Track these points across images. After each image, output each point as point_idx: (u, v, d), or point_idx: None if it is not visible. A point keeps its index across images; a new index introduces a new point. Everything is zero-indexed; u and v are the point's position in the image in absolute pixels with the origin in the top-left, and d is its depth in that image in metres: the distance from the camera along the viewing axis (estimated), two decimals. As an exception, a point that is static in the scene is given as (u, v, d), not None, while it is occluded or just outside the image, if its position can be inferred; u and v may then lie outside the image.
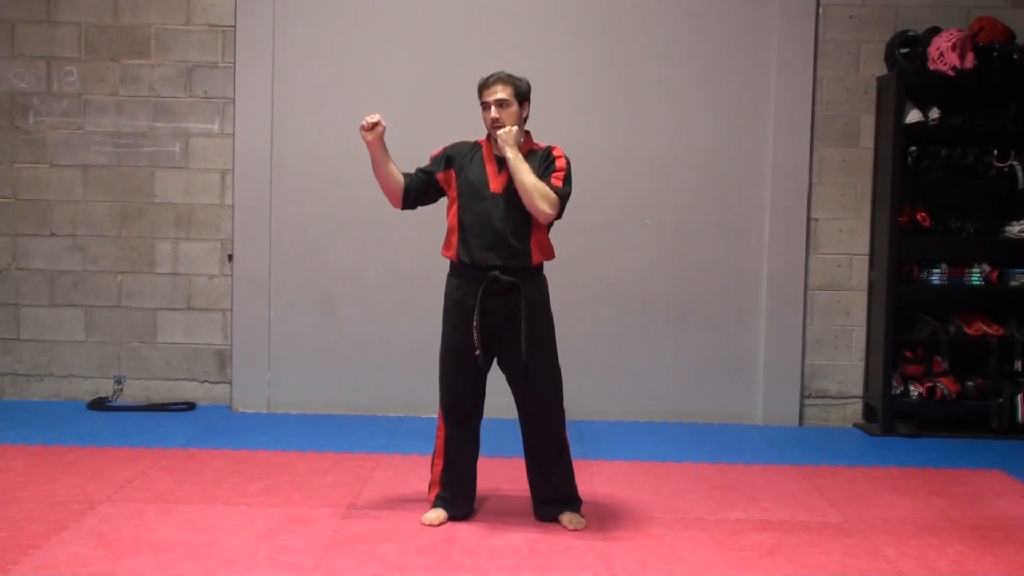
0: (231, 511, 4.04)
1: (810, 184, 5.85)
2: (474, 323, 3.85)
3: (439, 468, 4.03)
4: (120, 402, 5.90)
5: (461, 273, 3.93)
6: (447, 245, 3.99)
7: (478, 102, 6.00)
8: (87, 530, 3.77)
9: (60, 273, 5.95)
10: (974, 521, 4.16)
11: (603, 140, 5.81)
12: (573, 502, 4.03)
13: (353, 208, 5.86)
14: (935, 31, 5.62)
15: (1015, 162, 5.62)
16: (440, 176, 3.99)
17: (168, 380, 5.98)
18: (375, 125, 3.87)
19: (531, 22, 5.83)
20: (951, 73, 5.49)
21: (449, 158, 3.99)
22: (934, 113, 5.60)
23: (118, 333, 5.98)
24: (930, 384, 5.69)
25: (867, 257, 5.88)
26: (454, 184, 3.96)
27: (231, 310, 5.93)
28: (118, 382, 5.95)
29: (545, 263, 4.00)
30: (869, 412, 5.88)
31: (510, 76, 3.96)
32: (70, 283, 5.96)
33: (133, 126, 5.89)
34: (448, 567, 3.54)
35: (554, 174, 3.87)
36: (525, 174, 3.79)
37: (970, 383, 5.70)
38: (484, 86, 3.94)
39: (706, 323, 5.90)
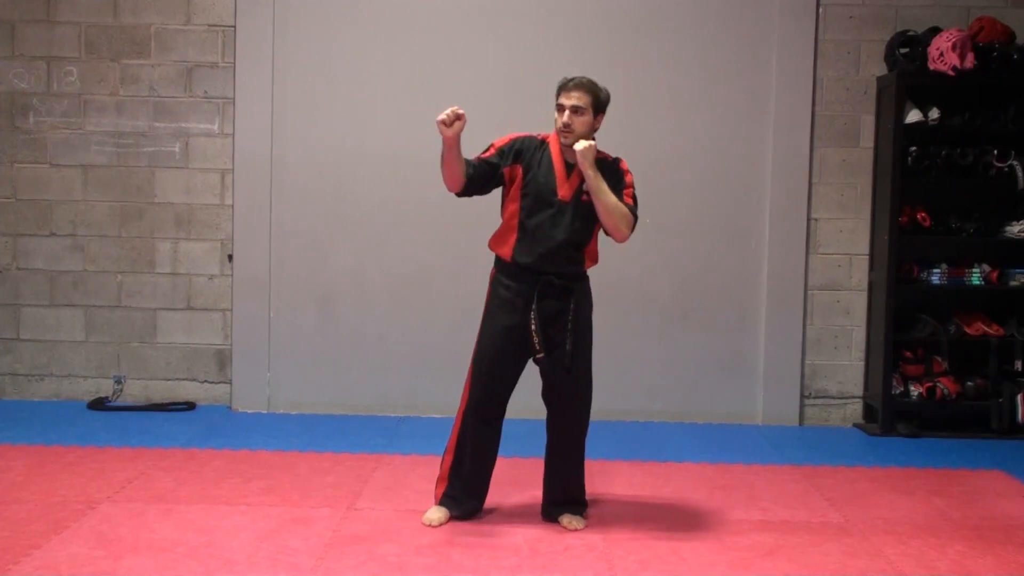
0: (231, 511, 4.04)
1: (810, 184, 5.85)
2: (532, 326, 3.81)
3: (449, 463, 4.00)
4: (120, 402, 5.90)
5: (513, 274, 3.87)
6: (501, 242, 3.90)
7: (480, 102, 6.04)
8: (87, 530, 3.77)
9: (60, 273, 5.95)
10: (974, 521, 4.16)
11: (603, 140, 5.72)
12: (579, 505, 4.03)
13: (353, 208, 5.86)
14: (935, 31, 5.62)
15: (1015, 162, 5.62)
16: (506, 171, 3.87)
17: (168, 380, 5.98)
18: (456, 119, 3.66)
19: (531, 22, 5.83)
20: (951, 73, 5.49)
21: (518, 153, 3.87)
22: (934, 113, 5.60)
23: (118, 333, 5.97)
24: (930, 384, 5.69)
25: (867, 257, 5.88)
26: (520, 182, 3.86)
27: (231, 310, 5.93)
28: (118, 382, 5.95)
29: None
30: (869, 412, 5.88)
31: (593, 85, 3.86)
32: (70, 283, 5.96)
33: (133, 126, 5.89)
34: (448, 567, 3.54)
35: (625, 191, 3.85)
36: (607, 195, 3.75)
37: (970, 383, 5.70)
38: (563, 88, 3.85)
39: (706, 323, 5.90)
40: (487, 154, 3.89)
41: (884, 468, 4.97)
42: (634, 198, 3.88)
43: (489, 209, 5.62)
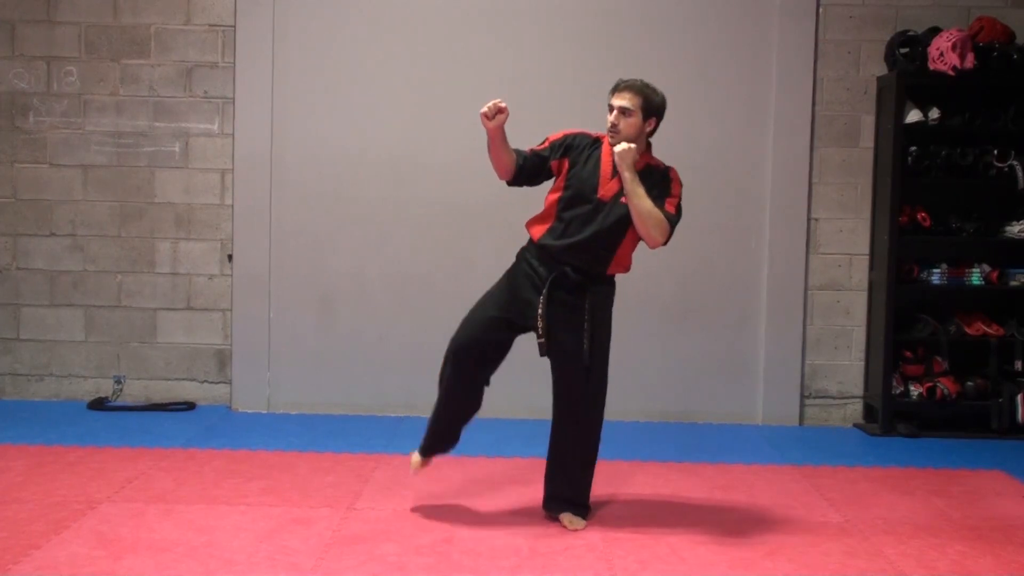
0: (231, 511, 4.04)
1: (810, 184, 5.85)
2: (539, 311, 3.86)
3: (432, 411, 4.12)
4: (120, 402, 5.90)
5: (538, 256, 3.92)
6: (535, 224, 3.97)
7: (478, 101, 6.01)
8: (87, 530, 3.77)
9: (60, 273, 5.95)
10: (974, 521, 4.16)
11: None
12: (578, 507, 4.03)
13: (353, 208, 5.86)
14: (935, 31, 5.62)
15: (1015, 162, 5.62)
16: (554, 164, 3.95)
17: (168, 380, 5.98)
18: (498, 113, 3.77)
19: (531, 22, 5.83)
20: (951, 73, 5.49)
21: (567, 147, 3.96)
22: (934, 113, 5.60)
23: (118, 333, 5.97)
24: (930, 384, 5.69)
25: (867, 257, 5.88)
26: (565, 175, 3.93)
27: (231, 310, 5.93)
28: (118, 382, 5.95)
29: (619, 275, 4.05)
30: (869, 412, 5.88)
31: (644, 87, 3.89)
32: (70, 283, 5.96)
33: (133, 126, 5.89)
34: (448, 567, 3.54)
35: (668, 199, 3.86)
36: (642, 199, 3.77)
37: (970, 383, 5.69)
38: (614, 89, 3.91)
39: (706, 323, 5.90)
40: (540, 147, 3.98)
41: (884, 468, 4.97)
42: (678, 209, 3.89)
43: (489, 211, 5.65)
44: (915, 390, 5.70)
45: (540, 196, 4.09)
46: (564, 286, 3.87)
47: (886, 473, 4.88)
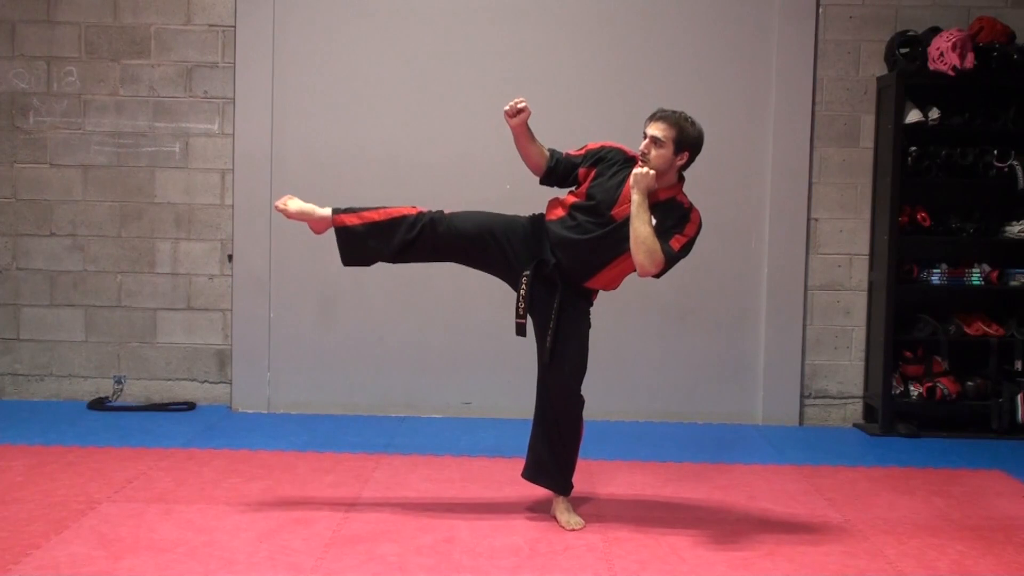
0: (231, 511, 4.04)
1: (810, 184, 5.85)
2: (521, 291, 3.90)
3: (375, 218, 4.09)
4: (120, 402, 5.90)
5: (540, 232, 3.96)
6: (555, 207, 4.01)
7: (477, 101, 6.04)
8: (87, 530, 3.77)
9: (60, 273, 5.95)
10: (974, 521, 4.16)
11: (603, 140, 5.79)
12: (545, 476, 4.05)
13: (353, 208, 5.86)
14: (935, 31, 5.62)
15: (1015, 162, 5.62)
16: (581, 171, 4.00)
17: (168, 380, 5.98)
18: (520, 111, 3.85)
19: (532, 22, 5.83)
20: (951, 73, 5.49)
21: (599, 159, 3.99)
22: (934, 113, 5.60)
23: (118, 333, 5.97)
24: (930, 384, 5.69)
25: (867, 257, 5.88)
26: (589, 182, 3.96)
27: (231, 310, 5.93)
28: (118, 382, 5.95)
29: (602, 293, 4.09)
30: (869, 412, 5.88)
31: (681, 119, 3.88)
32: (70, 283, 5.96)
33: (133, 126, 5.89)
34: (448, 567, 3.54)
35: (678, 236, 3.85)
36: (643, 224, 3.76)
37: (970, 383, 5.70)
38: (650, 117, 3.91)
39: (706, 323, 5.90)
40: (576, 153, 4.04)
41: (884, 468, 4.97)
42: (684, 248, 3.87)
43: (489, 211, 5.63)
44: (915, 390, 5.69)
45: (541, 200, 4.10)
46: (542, 273, 3.92)
47: (886, 473, 4.88)
